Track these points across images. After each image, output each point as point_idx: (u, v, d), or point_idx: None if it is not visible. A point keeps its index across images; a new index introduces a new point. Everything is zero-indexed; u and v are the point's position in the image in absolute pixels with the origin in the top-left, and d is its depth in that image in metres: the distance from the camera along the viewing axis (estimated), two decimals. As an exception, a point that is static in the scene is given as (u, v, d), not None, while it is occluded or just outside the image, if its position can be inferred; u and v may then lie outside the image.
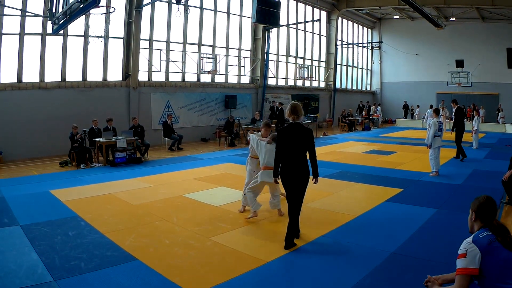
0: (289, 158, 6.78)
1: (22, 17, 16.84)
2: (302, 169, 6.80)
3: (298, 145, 6.76)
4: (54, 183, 12.14)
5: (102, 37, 17.52)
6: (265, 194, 9.20)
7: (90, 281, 5.65)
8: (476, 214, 3.84)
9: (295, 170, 6.77)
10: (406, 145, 20.49)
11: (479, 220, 3.82)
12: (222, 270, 6.09)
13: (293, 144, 6.74)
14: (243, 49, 27.56)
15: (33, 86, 17.40)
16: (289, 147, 6.77)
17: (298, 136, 6.75)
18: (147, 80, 21.92)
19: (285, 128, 6.89)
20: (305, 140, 6.79)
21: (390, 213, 9.00)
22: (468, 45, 36.31)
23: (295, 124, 6.85)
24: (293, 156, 6.76)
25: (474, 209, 3.88)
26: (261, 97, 28.10)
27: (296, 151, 6.75)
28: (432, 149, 13.16)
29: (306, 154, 6.86)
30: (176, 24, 23.12)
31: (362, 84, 42.72)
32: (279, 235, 7.33)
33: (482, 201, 3.87)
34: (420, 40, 38.96)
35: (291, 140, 6.75)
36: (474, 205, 3.91)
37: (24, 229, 7.77)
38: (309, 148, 6.84)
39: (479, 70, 36.03)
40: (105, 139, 15.83)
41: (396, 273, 5.94)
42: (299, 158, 6.76)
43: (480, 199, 3.90)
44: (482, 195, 3.97)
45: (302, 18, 32.46)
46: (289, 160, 6.78)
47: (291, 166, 6.77)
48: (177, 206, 9.64)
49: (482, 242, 3.57)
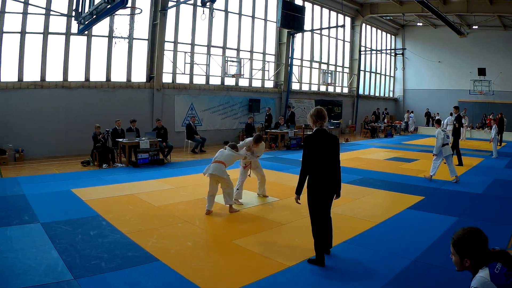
0: (320, 168, 6.14)
1: (46, 16, 16.94)
2: (334, 178, 6.29)
3: (327, 154, 6.17)
4: (76, 182, 12.12)
5: (127, 38, 17.53)
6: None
7: (110, 280, 5.55)
8: (470, 258, 3.32)
9: (328, 181, 6.19)
10: (428, 152, 20.13)
11: (476, 260, 3.30)
12: (244, 273, 5.99)
13: (322, 152, 6.15)
14: (267, 53, 27.45)
15: (56, 85, 17.49)
16: (319, 156, 6.13)
17: (327, 143, 6.19)
18: (171, 82, 21.93)
19: (313, 135, 6.25)
20: (334, 148, 6.28)
21: (412, 220, 8.83)
22: (490, 54, 35.85)
23: (322, 131, 6.27)
24: (325, 166, 6.15)
25: (465, 255, 3.33)
26: (285, 101, 27.92)
27: (326, 160, 6.16)
28: (437, 156, 13.26)
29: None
30: (201, 27, 23.11)
31: (384, 91, 42.33)
32: (301, 240, 7.33)
33: (467, 238, 3.33)
34: (443, 48, 38.56)
35: (321, 148, 6.14)
36: (461, 248, 3.35)
37: (45, 227, 7.71)
38: (335, 157, 6.30)
39: (501, 79, 35.53)
40: (128, 139, 15.79)
41: (417, 281, 5.80)
42: (330, 168, 6.21)
43: (462, 237, 3.35)
44: (460, 231, 3.41)
45: (326, 24, 32.25)
46: (321, 171, 6.15)
47: (324, 176, 6.16)
48: (199, 209, 9.49)
49: (500, 280, 3.14)
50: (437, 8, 26.65)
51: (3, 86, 16.07)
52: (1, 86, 16.04)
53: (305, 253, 6.69)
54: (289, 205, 9.95)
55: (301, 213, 9.15)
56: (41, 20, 17.06)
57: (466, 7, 29.46)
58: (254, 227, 8.25)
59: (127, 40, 17.78)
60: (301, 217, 8.85)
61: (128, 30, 17.18)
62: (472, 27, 34.68)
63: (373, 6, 34.20)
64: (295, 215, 9.08)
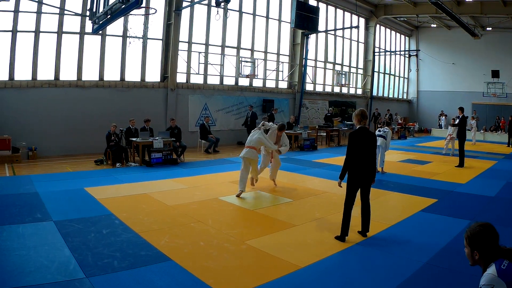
0: (360, 158, 7.34)
1: (60, 15, 17.01)
2: (371, 169, 7.46)
3: (367, 148, 7.37)
4: (89, 181, 12.14)
5: (141, 38, 17.57)
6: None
7: (123, 279, 5.52)
8: (479, 251, 3.39)
9: (364, 169, 7.38)
10: (441, 155, 20.00)
11: (486, 254, 3.37)
12: (256, 274, 5.96)
13: (363, 146, 7.35)
14: (281, 54, 27.38)
15: (70, 84, 17.57)
16: (360, 149, 7.33)
17: (367, 139, 7.41)
18: (185, 82, 21.95)
19: (357, 132, 7.45)
20: (372, 143, 7.48)
21: (425, 223, 8.74)
22: (504, 56, 35.46)
23: (365, 129, 7.47)
24: (364, 157, 7.35)
25: (475, 247, 3.41)
26: (299, 102, 27.85)
27: (365, 152, 7.36)
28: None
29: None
30: (215, 27, 23.10)
31: (398, 92, 42.08)
32: (314, 241, 7.36)
33: (479, 232, 3.42)
34: (457, 49, 38.21)
35: (362, 143, 7.36)
36: (473, 241, 3.44)
37: (57, 225, 7.71)
38: (372, 151, 7.47)
39: (515, 81, 35.21)
40: (141, 139, 15.79)
41: (429, 284, 5.75)
42: (367, 159, 7.39)
43: (475, 231, 3.45)
44: (474, 224, 3.51)
45: (340, 25, 32.12)
46: (360, 161, 7.35)
47: (362, 165, 7.36)
48: (212, 209, 9.47)
49: (507, 275, 3.17)
50: (451, 9, 26.50)
51: (17, 85, 16.18)
52: (15, 85, 16.15)
53: (318, 255, 6.67)
54: (302, 206, 9.94)
55: (314, 214, 9.13)
56: (56, 20, 17.14)
57: (480, 9, 29.18)
58: (267, 227, 8.18)
59: (141, 40, 17.83)
60: (314, 219, 8.84)
61: (143, 30, 17.24)
62: (486, 28, 34.41)
63: (387, 7, 34.04)
64: (307, 216, 9.03)
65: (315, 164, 16.65)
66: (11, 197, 9.93)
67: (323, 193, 11.39)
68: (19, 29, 16.23)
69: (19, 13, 16.06)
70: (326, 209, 9.63)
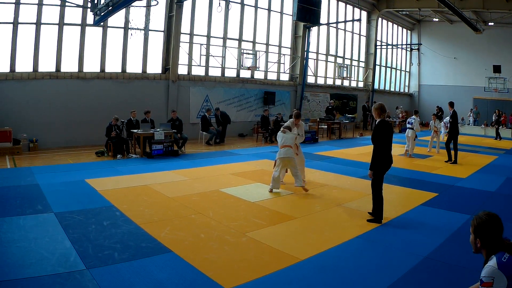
0: (386, 149, 8.07)
1: (62, 7, 16.96)
2: (391, 157, 8.26)
3: (389, 138, 8.11)
4: (90, 172, 12.14)
5: (142, 30, 17.52)
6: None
7: (123, 271, 5.52)
8: (481, 239, 3.44)
9: (390, 158, 8.19)
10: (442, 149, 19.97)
11: (488, 244, 3.42)
12: (257, 266, 5.97)
13: (387, 137, 8.06)
14: (283, 46, 27.33)
15: (71, 76, 17.55)
16: (385, 140, 8.04)
17: (389, 130, 8.12)
18: (187, 74, 21.93)
19: (381, 124, 8.09)
20: (391, 133, 8.22)
21: (425, 217, 8.72)
22: (505, 51, 35.29)
23: (385, 121, 8.17)
24: (388, 147, 8.13)
25: (479, 235, 3.46)
26: (300, 94, 27.82)
27: (388, 143, 8.12)
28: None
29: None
30: (217, 19, 23.03)
31: (400, 86, 41.99)
32: (314, 234, 7.38)
33: (485, 221, 3.45)
34: (459, 44, 38.04)
35: (386, 134, 8.04)
36: (477, 228, 3.49)
37: (58, 217, 7.71)
38: (391, 141, 8.23)
39: (516, 77, 35.12)
40: (143, 130, 15.79)
41: (428, 278, 5.73)
42: (390, 148, 8.19)
43: (481, 219, 3.47)
44: (482, 213, 3.53)
45: (342, 18, 32.01)
46: (386, 151, 8.08)
47: (388, 155, 8.13)
48: (213, 201, 9.47)
49: (507, 268, 3.21)
50: (453, 3, 26.33)
51: (18, 77, 16.15)
52: (16, 77, 16.12)
53: (318, 247, 6.68)
54: (303, 198, 9.96)
55: (314, 207, 9.12)
56: (57, 11, 17.07)
57: (482, 4, 29.05)
58: (268, 220, 8.19)
59: (143, 31, 17.74)
60: (314, 212, 8.85)
61: (144, 21, 17.15)
62: (488, 23, 34.19)
63: (389, 1, 33.89)
64: (308, 208, 9.06)
65: (316, 157, 16.65)
66: (12, 189, 9.93)
67: (324, 185, 11.41)
68: (20, 21, 16.17)
69: (20, 5, 16.00)
70: (327, 202, 9.64)
